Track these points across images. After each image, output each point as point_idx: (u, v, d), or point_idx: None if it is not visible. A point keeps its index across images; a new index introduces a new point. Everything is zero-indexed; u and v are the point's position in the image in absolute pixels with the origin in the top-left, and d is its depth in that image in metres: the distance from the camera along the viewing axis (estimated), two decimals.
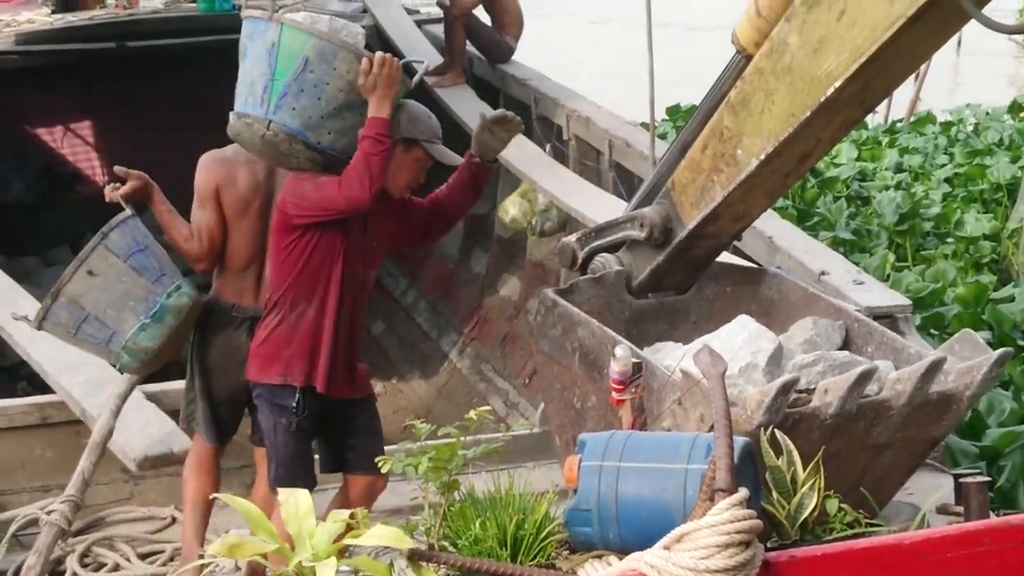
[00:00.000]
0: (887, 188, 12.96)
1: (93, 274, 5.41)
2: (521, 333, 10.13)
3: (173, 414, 5.93)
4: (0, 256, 10.40)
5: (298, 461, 5.37)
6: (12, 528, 5.67)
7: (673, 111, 15.34)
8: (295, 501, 3.91)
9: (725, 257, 5.88)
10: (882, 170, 13.71)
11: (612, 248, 5.70)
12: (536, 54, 12.44)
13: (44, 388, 6.46)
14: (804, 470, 4.23)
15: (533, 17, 12.56)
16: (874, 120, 15.58)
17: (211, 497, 5.52)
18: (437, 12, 12.30)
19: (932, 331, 8.97)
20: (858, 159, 14.02)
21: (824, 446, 4.52)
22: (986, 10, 4.29)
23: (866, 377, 4.73)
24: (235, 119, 5.58)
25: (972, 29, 4.86)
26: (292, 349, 5.33)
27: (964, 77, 23.09)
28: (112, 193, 5.82)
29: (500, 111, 5.71)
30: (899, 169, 13.78)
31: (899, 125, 15.62)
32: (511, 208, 10.14)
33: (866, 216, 12.22)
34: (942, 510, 5.15)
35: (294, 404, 5.30)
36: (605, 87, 16.32)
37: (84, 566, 5.73)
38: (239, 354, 5.56)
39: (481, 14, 11.73)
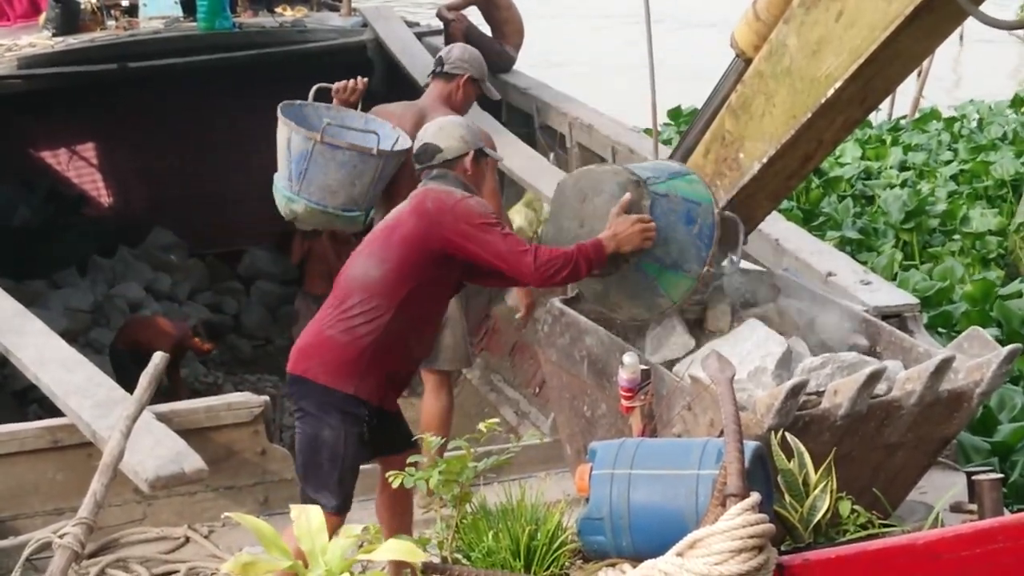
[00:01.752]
0: (892, 186, 12.95)
1: None
2: (530, 342, 10.13)
3: (183, 434, 5.93)
4: (7, 280, 10.40)
5: (357, 470, 5.34)
6: (26, 552, 5.67)
7: (674, 114, 15.33)
8: (307, 517, 3.91)
9: None
10: (887, 168, 13.70)
11: None
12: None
13: (54, 411, 6.46)
14: (816, 472, 4.22)
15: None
16: (878, 118, 15.57)
17: None
18: (437, 24, 12.30)
19: (940, 329, 8.96)
20: (862, 158, 14.01)
21: (835, 447, 4.51)
22: (986, 6, 4.29)
23: (875, 377, 4.73)
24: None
25: (974, 25, 4.85)
26: (374, 364, 5.21)
27: (967, 72, 23.08)
28: None
29: None
30: (904, 167, 13.77)
31: (903, 122, 15.61)
32: (516, 218, 10.13)
33: (872, 215, 12.21)
34: (956, 508, 5.13)
35: (367, 414, 5.24)
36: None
37: None
38: None
39: (482, 24, 11.73)
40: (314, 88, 6.73)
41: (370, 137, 6.44)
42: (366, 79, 6.90)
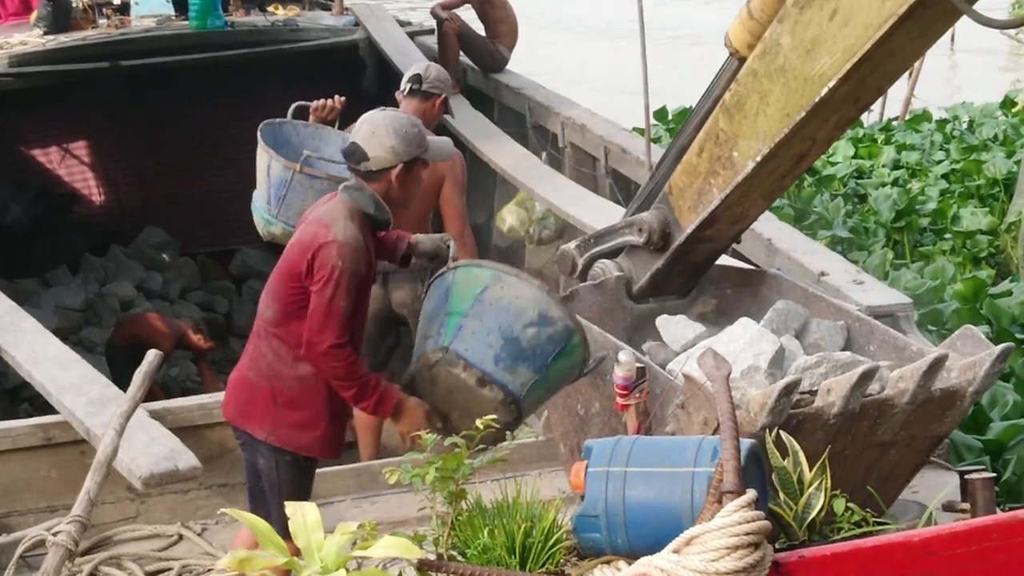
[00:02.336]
0: (884, 185, 12.98)
1: None
2: None
3: (177, 431, 5.93)
4: None
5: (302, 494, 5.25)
6: (19, 550, 5.66)
7: (660, 114, 15.35)
8: (303, 515, 3.91)
9: (724, 260, 5.89)
10: (879, 167, 13.73)
11: (611, 254, 5.71)
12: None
13: (46, 409, 6.46)
14: (810, 470, 4.23)
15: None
16: (870, 118, 15.60)
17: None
18: (430, 23, 12.31)
19: (930, 327, 8.98)
20: (855, 157, 14.04)
21: (829, 446, 4.53)
22: (979, 6, 4.30)
23: (868, 376, 4.74)
24: None
25: (966, 26, 4.86)
26: (327, 417, 5.25)
27: (959, 73, 23.12)
28: None
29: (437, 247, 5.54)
30: (896, 166, 13.80)
31: (895, 123, 15.64)
32: (509, 217, 10.15)
33: (863, 214, 12.23)
34: (948, 507, 5.15)
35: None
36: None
37: None
38: (375, 304, 6.27)
39: (474, 22, 11.74)
40: (293, 106, 6.74)
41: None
42: (343, 98, 6.97)
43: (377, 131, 5.28)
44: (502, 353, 4.91)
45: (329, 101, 6.88)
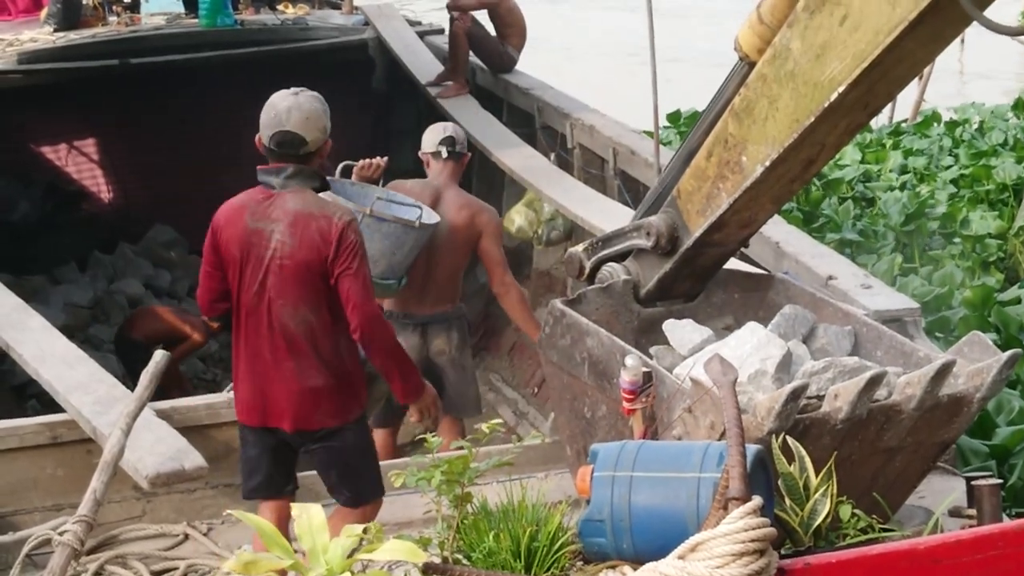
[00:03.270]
0: (892, 188, 12.96)
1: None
2: (529, 343, 10.14)
3: (184, 431, 5.94)
4: (7, 275, 10.38)
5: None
6: (25, 548, 5.67)
7: (674, 117, 15.34)
8: (308, 516, 3.91)
9: (732, 264, 5.88)
10: (887, 172, 13.72)
11: (619, 257, 5.70)
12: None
13: (53, 406, 6.47)
14: (816, 476, 4.23)
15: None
16: (878, 121, 15.59)
17: None
18: (439, 23, 12.32)
19: (938, 334, 8.97)
20: (862, 161, 14.02)
21: (835, 451, 4.52)
22: (988, 12, 4.29)
23: (876, 381, 4.73)
24: None
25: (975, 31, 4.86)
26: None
27: (969, 77, 23.09)
28: None
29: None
30: (904, 171, 13.78)
31: (904, 126, 15.61)
32: (517, 218, 10.14)
33: (871, 217, 12.22)
34: (954, 513, 5.14)
35: None
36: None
37: None
38: (414, 353, 7.01)
39: (486, 23, 11.74)
40: (340, 166, 7.34)
41: (412, 211, 7.10)
42: (386, 157, 7.51)
43: (310, 116, 5.44)
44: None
45: (374, 160, 7.39)
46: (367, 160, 7.34)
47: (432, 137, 7.69)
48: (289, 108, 5.42)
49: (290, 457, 5.62)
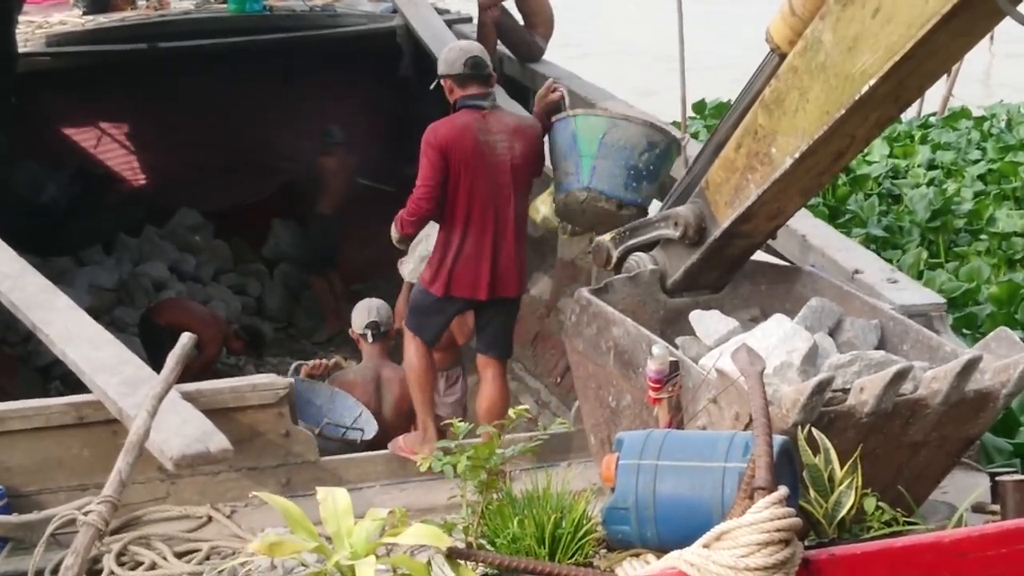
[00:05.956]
0: (919, 185, 12.92)
1: None
2: (552, 332, 10.14)
3: (209, 413, 5.95)
4: (33, 257, 10.44)
5: None
6: (50, 528, 5.69)
7: (699, 107, 15.31)
8: (333, 500, 3.93)
9: (759, 256, 5.87)
10: (914, 167, 13.67)
11: (646, 247, 5.71)
12: None
13: (77, 387, 6.49)
14: (841, 468, 4.22)
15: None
16: (907, 115, 15.55)
17: None
18: (467, 11, 12.31)
19: (964, 331, 8.94)
20: (890, 156, 13.98)
21: (860, 444, 4.51)
22: (1022, 7, 4.28)
23: (902, 375, 4.72)
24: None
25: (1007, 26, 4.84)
26: None
27: (998, 72, 22.99)
28: None
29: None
30: (931, 166, 13.74)
31: (933, 119, 15.56)
32: (542, 207, 10.07)
33: (898, 213, 12.19)
34: (978, 508, 5.13)
35: None
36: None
37: (121, 564, 5.74)
38: None
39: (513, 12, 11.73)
40: (292, 366, 8.32)
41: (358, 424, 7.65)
42: (336, 359, 8.44)
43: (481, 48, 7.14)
44: (631, 181, 6.52)
45: (323, 362, 8.26)
46: (318, 361, 8.28)
47: (359, 320, 8.20)
48: (469, 43, 7.17)
49: None
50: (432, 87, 7.08)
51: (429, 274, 6.84)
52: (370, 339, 8.14)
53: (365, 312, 8.19)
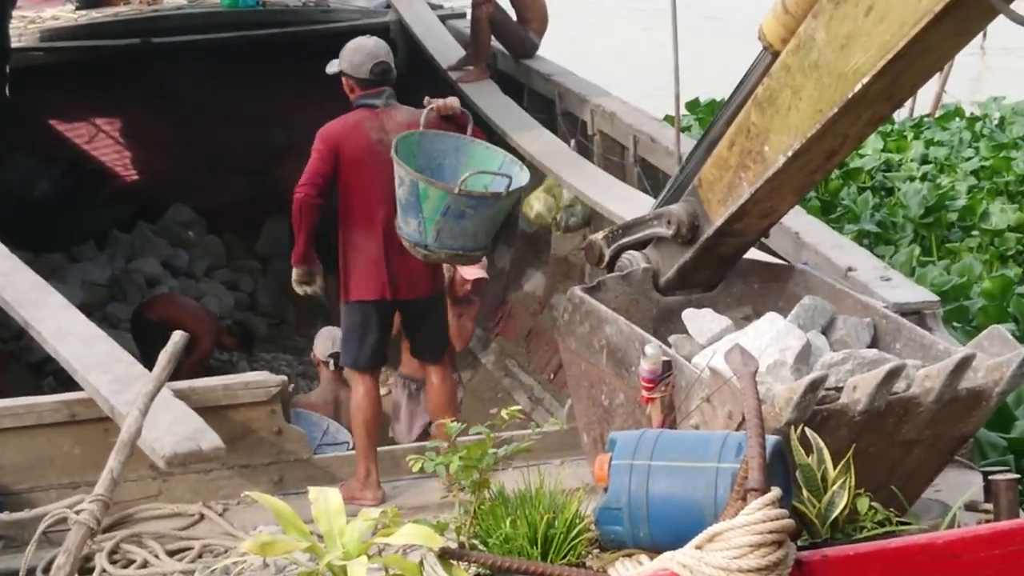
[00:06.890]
0: (912, 179, 12.93)
1: None
2: (545, 328, 10.14)
3: (201, 411, 5.95)
4: (26, 252, 10.42)
5: None
6: (41, 526, 5.69)
7: (692, 106, 15.31)
8: (325, 500, 3.92)
9: (752, 254, 5.86)
10: (908, 162, 13.68)
11: (639, 245, 5.69)
12: None
13: (70, 383, 6.48)
14: (834, 468, 4.22)
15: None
16: (900, 114, 15.55)
17: None
18: (460, 6, 12.29)
19: (955, 324, 8.95)
20: (883, 150, 13.98)
21: (853, 443, 4.51)
22: (1015, 5, 4.28)
23: (895, 374, 4.72)
24: None
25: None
26: None
27: (990, 71, 22.99)
28: None
29: None
30: (925, 161, 13.74)
31: (926, 120, 15.57)
32: (536, 203, 10.13)
33: (890, 208, 12.19)
34: (971, 507, 5.13)
35: None
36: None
37: (113, 563, 5.75)
38: None
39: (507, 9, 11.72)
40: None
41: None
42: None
43: (389, 50, 7.00)
44: (469, 242, 6.46)
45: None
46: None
47: (322, 348, 8.61)
48: (377, 44, 6.88)
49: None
50: (329, 73, 6.95)
51: (342, 284, 6.73)
52: (331, 367, 8.49)
53: (329, 341, 8.49)
